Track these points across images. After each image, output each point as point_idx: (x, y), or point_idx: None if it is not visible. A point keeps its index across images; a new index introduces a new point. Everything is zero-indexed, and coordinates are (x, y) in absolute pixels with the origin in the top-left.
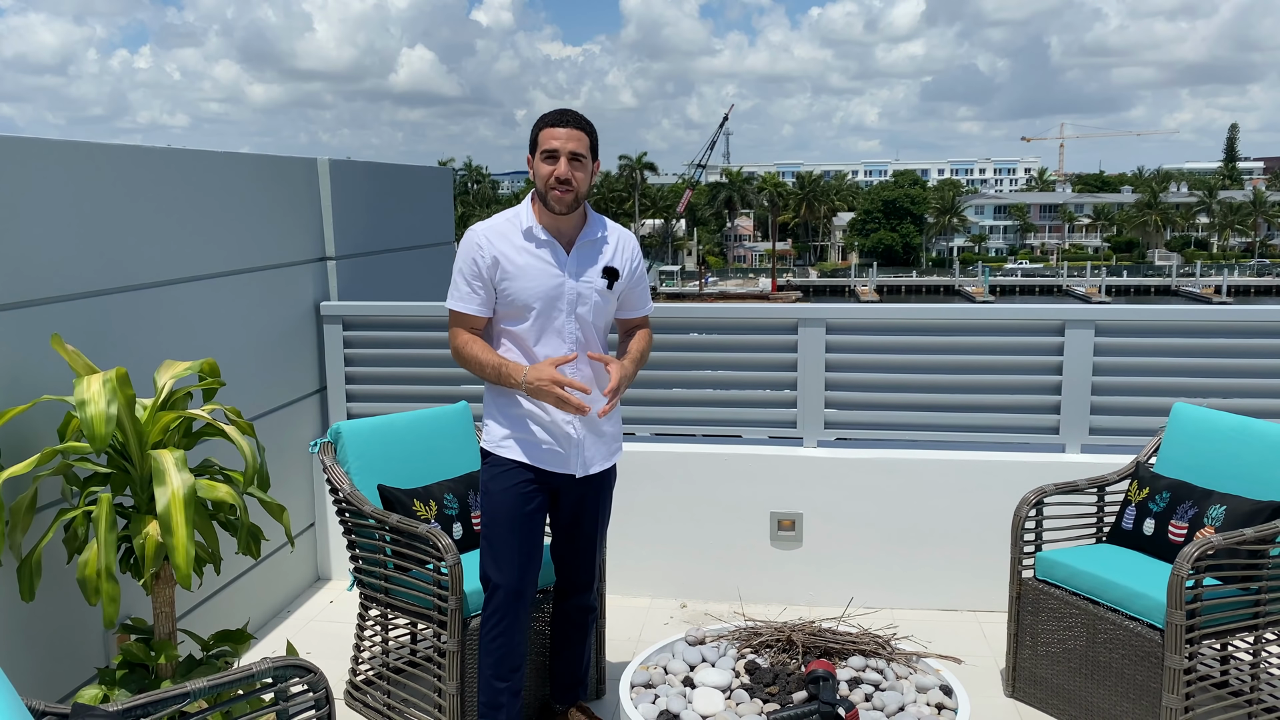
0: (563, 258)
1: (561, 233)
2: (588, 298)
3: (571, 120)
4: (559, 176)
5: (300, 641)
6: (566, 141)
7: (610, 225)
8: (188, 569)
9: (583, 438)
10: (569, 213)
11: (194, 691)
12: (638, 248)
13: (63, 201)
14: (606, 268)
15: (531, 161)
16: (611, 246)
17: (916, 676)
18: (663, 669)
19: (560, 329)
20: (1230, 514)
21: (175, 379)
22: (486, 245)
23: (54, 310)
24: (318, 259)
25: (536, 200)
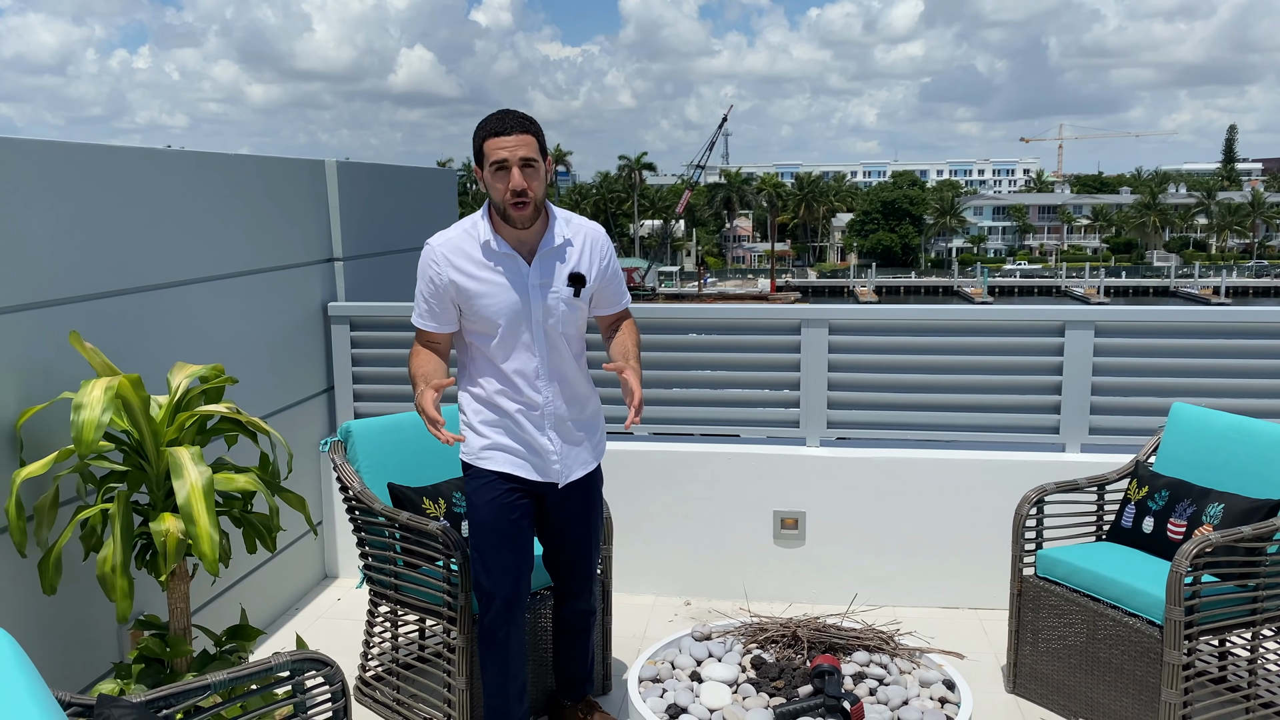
0: (524, 271)
1: (522, 243)
2: (554, 309)
3: (514, 125)
4: (515, 189)
5: (309, 638)
6: (515, 149)
7: (574, 223)
8: (214, 555)
9: (559, 448)
10: (530, 225)
11: (214, 684)
12: (607, 243)
13: (79, 203)
14: (572, 274)
15: (480, 174)
16: (576, 250)
17: (920, 671)
18: (670, 664)
19: (528, 343)
20: (1228, 512)
21: (190, 378)
22: (444, 264)
23: (71, 310)
24: (325, 260)
25: (494, 211)
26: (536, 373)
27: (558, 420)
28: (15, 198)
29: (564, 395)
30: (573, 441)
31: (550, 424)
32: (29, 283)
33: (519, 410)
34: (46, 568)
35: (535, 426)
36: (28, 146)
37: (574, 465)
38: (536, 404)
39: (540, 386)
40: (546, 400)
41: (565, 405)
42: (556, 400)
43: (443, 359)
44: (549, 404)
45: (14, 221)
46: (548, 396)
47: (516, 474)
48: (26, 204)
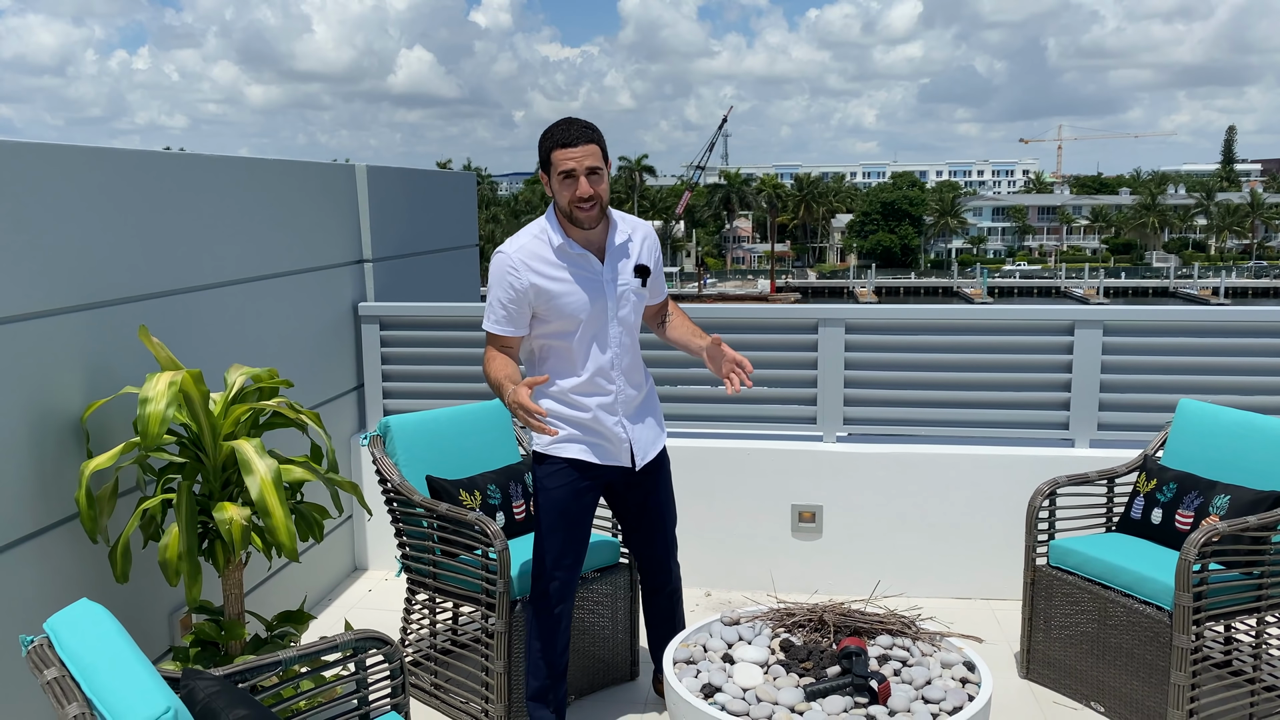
0: (598, 268)
1: (591, 242)
2: (626, 300)
3: (580, 136)
4: (581, 196)
5: (342, 628)
6: (582, 159)
7: (628, 220)
8: (292, 543)
9: (631, 433)
10: (596, 226)
11: (286, 660)
12: (656, 238)
13: (133, 207)
14: (637, 266)
15: (546, 180)
16: (636, 244)
17: (941, 654)
18: (701, 647)
19: (605, 336)
20: (1234, 503)
21: (245, 376)
22: (522, 269)
23: (129, 309)
24: (355, 261)
25: (559, 214)
26: (612, 364)
27: (627, 406)
28: (77, 202)
29: (630, 382)
30: (642, 424)
31: (622, 410)
32: (91, 283)
33: (596, 401)
34: (116, 557)
35: (609, 414)
36: (91, 154)
37: (647, 446)
38: (610, 392)
39: (614, 376)
40: (619, 389)
41: (632, 391)
42: (626, 388)
43: (513, 361)
44: (620, 391)
45: (75, 225)
46: (619, 385)
47: (587, 460)
48: (88, 208)
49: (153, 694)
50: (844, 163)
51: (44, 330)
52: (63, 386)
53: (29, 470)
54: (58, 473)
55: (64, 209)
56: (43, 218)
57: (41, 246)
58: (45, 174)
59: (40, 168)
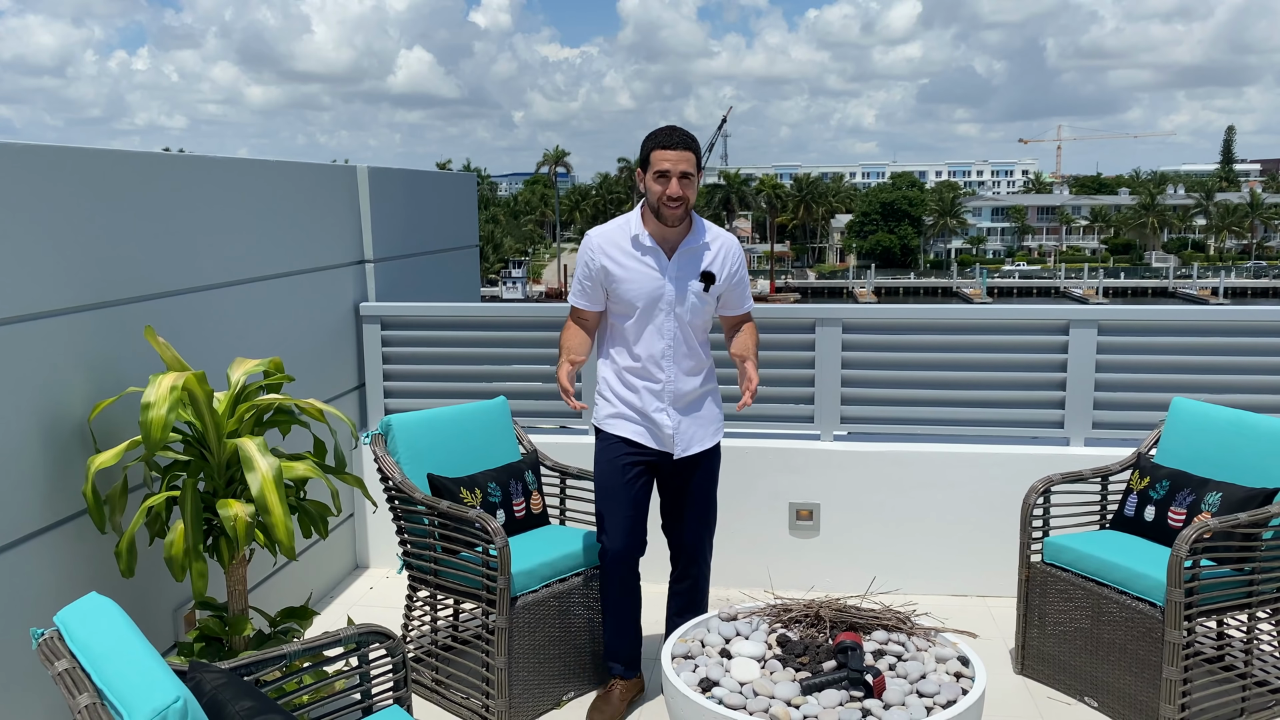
0: (664, 263)
1: (666, 240)
2: (685, 299)
3: (680, 142)
4: (671, 195)
5: (345, 623)
6: (678, 163)
7: (714, 232)
8: (290, 542)
9: (678, 422)
10: (679, 225)
11: (290, 653)
12: (740, 253)
13: (137, 208)
14: (705, 271)
15: (642, 176)
16: (713, 253)
17: (935, 649)
18: (699, 642)
19: (660, 326)
20: (1225, 500)
21: (248, 374)
22: (598, 252)
23: (135, 309)
24: (357, 262)
25: (647, 210)
26: (663, 353)
27: (676, 397)
28: (83, 203)
29: (685, 377)
30: (691, 418)
31: (669, 400)
32: (97, 283)
33: (645, 385)
34: (122, 552)
35: (657, 399)
36: (95, 156)
37: (694, 439)
38: (659, 379)
39: (665, 365)
40: (669, 379)
41: (685, 386)
42: (678, 380)
43: (589, 335)
44: (670, 382)
45: (83, 225)
46: (670, 375)
47: (635, 440)
48: (93, 209)
49: (163, 683)
50: (843, 163)
51: (51, 330)
52: (70, 385)
53: (38, 468)
54: (66, 470)
55: (70, 210)
56: (49, 219)
57: (47, 247)
58: (50, 176)
59: (44, 170)
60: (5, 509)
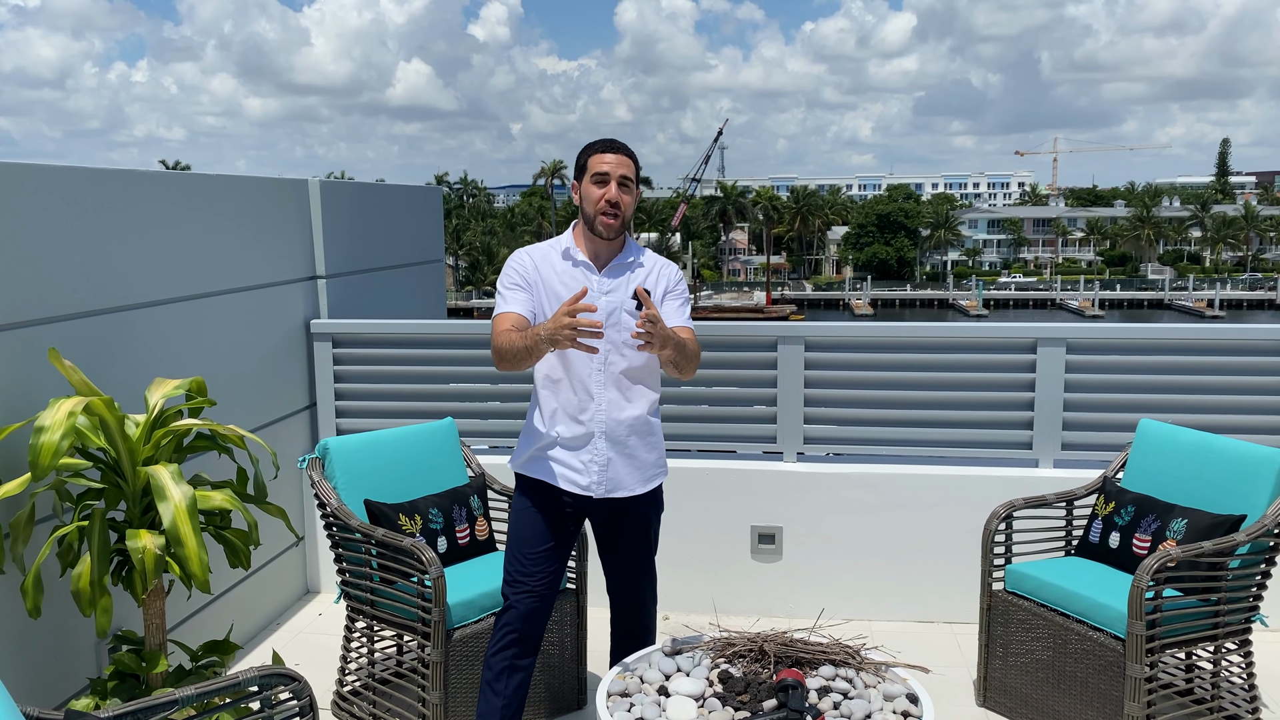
0: (594, 280)
1: (598, 256)
2: (617, 318)
3: (620, 148)
4: (609, 199)
5: (289, 653)
6: (616, 166)
7: (650, 256)
8: (205, 575)
9: (607, 460)
10: (614, 237)
11: (182, 699)
12: (679, 276)
13: (58, 224)
14: (638, 289)
15: (578, 187)
16: (646, 270)
17: (884, 685)
18: (639, 678)
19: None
20: (1191, 527)
21: (166, 397)
22: (529, 264)
23: (50, 330)
24: (308, 278)
25: (580, 228)
26: (592, 376)
27: (610, 429)
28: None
29: (620, 407)
30: (622, 456)
31: (601, 431)
32: (8, 302)
33: (572, 416)
34: (28, 589)
35: (585, 433)
36: (9, 170)
37: (623, 479)
38: (588, 407)
39: (594, 391)
40: (599, 407)
41: (620, 417)
42: (611, 409)
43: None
44: (601, 411)
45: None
46: (601, 405)
47: (557, 484)
48: (7, 225)
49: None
50: (840, 175)
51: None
52: None
53: None
54: None
55: None
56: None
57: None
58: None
59: None
60: None
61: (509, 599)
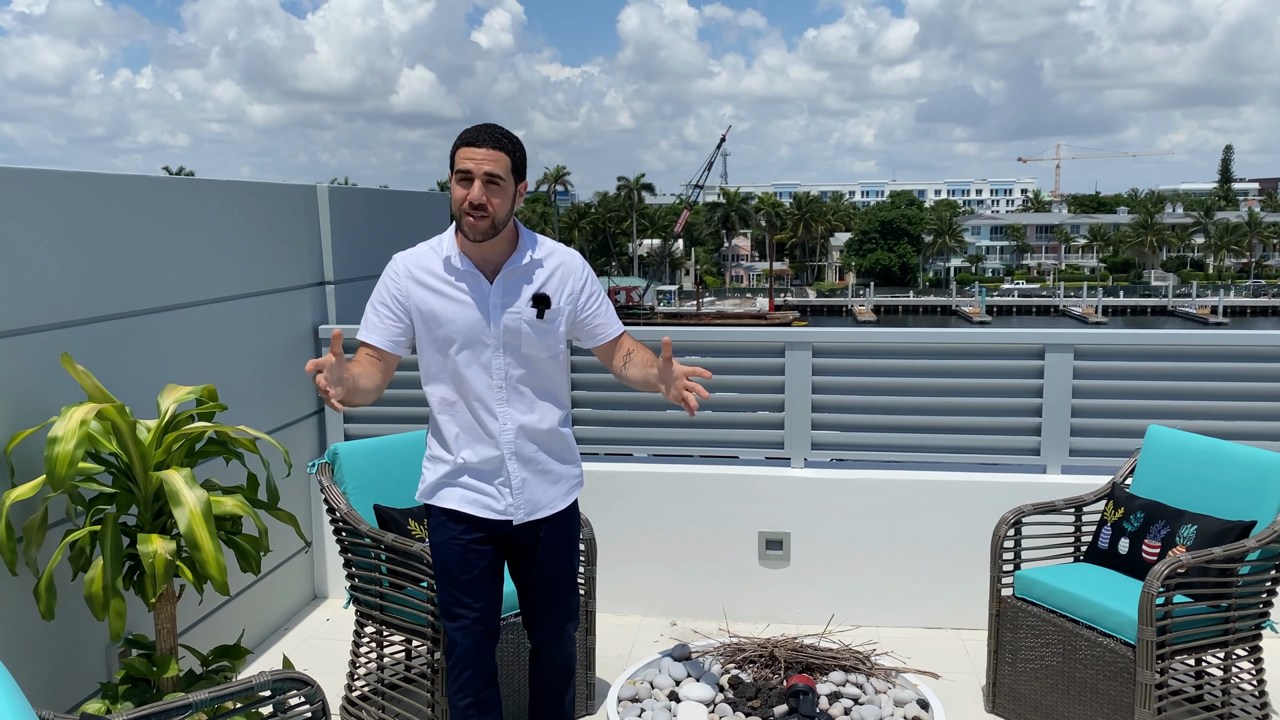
0: (485, 289)
1: (486, 260)
2: (516, 329)
3: (488, 139)
4: (472, 201)
5: (297, 658)
6: (482, 163)
7: (548, 248)
8: (223, 578)
9: (524, 480)
10: (484, 240)
11: (196, 703)
12: (585, 271)
13: (70, 231)
14: (536, 295)
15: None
16: (546, 272)
17: (895, 691)
18: (649, 684)
19: (487, 364)
20: (1201, 533)
21: (178, 402)
22: (404, 278)
23: (62, 335)
24: (316, 283)
25: (459, 226)
26: (494, 396)
27: (518, 449)
28: (8, 225)
29: (527, 423)
30: (536, 475)
31: (510, 453)
32: (21, 308)
33: (477, 438)
34: (41, 592)
35: (494, 455)
36: (20, 175)
37: (537, 503)
38: (493, 431)
39: (497, 411)
40: (504, 427)
41: (528, 434)
42: (515, 426)
43: (377, 374)
44: (506, 431)
45: (6, 248)
46: (505, 424)
47: (469, 512)
48: (19, 231)
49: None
50: (842, 182)
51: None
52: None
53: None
54: None
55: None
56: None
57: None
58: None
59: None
60: None
61: (453, 636)
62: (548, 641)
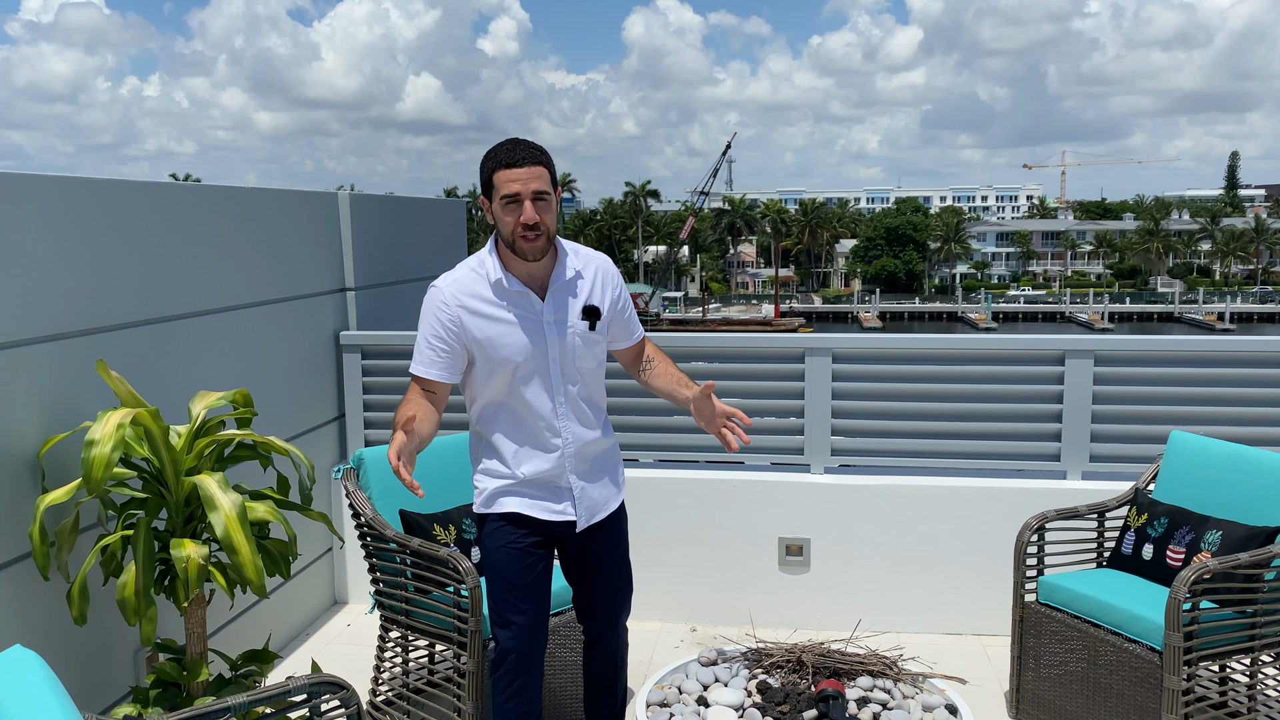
0: (539, 308)
1: (533, 277)
2: (571, 345)
3: (527, 157)
4: (526, 223)
5: (320, 663)
6: (528, 182)
7: (583, 255)
8: (260, 580)
9: (583, 489)
10: (541, 258)
11: (234, 706)
12: (616, 274)
13: (101, 237)
14: (586, 307)
15: (488, 205)
16: (588, 282)
17: (922, 696)
18: (677, 689)
19: (548, 382)
20: (1226, 539)
21: (209, 408)
22: (454, 306)
23: (94, 340)
24: (338, 290)
25: (501, 246)
26: (554, 412)
27: (578, 460)
28: (39, 232)
29: (585, 435)
30: (592, 480)
31: (570, 465)
32: (52, 315)
33: (536, 454)
34: (74, 596)
35: (554, 468)
36: (50, 182)
37: (596, 505)
38: (555, 445)
39: (558, 427)
40: (565, 441)
41: (583, 443)
42: (575, 439)
43: (436, 410)
44: (568, 444)
45: (37, 255)
46: (566, 438)
47: (530, 515)
48: (50, 238)
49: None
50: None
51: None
52: (19, 421)
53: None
54: (13, 510)
55: (22, 239)
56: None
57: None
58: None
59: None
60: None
61: (504, 644)
62: (605, 631)
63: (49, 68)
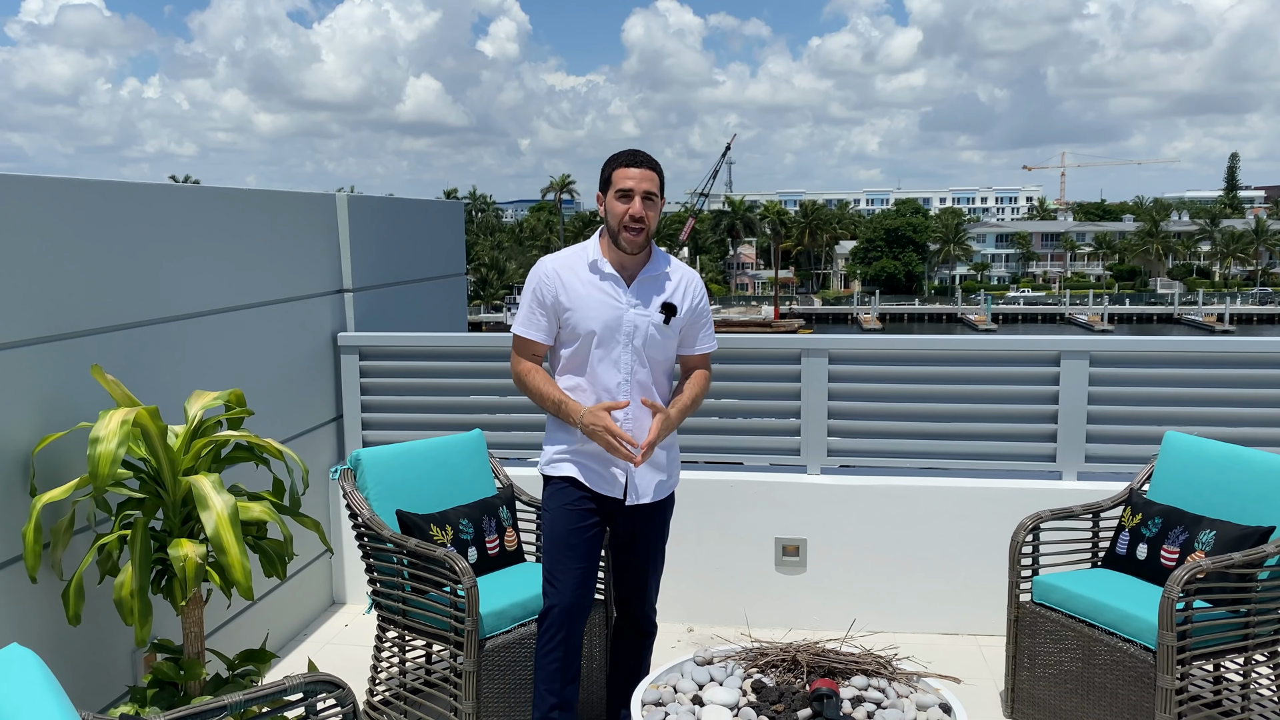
0: (623, 291)
1: (625, 268)
2: (644, 330)
3: (644, 161)
4: (633, 215)
5: (317, 663)
6: (641, 181)
7: (675, 265)
8: (248, 582)
9: (640, 469)
10: (639, 253)
11: (230, 705)
12: (702, 288)
13: (98, 238)
14: (665, 303)
15: (603, 199)
16: (674, 284)
17: (917, 695)
18: (672, 688)
19: (617, 359)
20: (1219, 539)
21: (205, 408)
22: (552, 277)
23: (89, 342)
24: (335, 291)
25: (605, 237)
26: (620, 387)
27: (635, 438)
28: (35, 233)
29: (642, 416)
30: (649, 465)
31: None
32: (48, 316)
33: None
34: (69, 596)
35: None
36: (49, 184)
37: (647, 487)
38: (616, 417)
39: (619, 419)
40: (627, 416)
41: (643, 427)
42: (637, 419)
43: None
44: (628, 420)
45: (33, 256)
46: (629, 414)
47: (583, 482)
48: (45, 239)
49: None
50: (847, 190)
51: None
52: (13, 421)
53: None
54: (10, 510)
55: (16, 241)
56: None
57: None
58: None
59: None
60: None
61: (551, 599)
62: (635, 595)
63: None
